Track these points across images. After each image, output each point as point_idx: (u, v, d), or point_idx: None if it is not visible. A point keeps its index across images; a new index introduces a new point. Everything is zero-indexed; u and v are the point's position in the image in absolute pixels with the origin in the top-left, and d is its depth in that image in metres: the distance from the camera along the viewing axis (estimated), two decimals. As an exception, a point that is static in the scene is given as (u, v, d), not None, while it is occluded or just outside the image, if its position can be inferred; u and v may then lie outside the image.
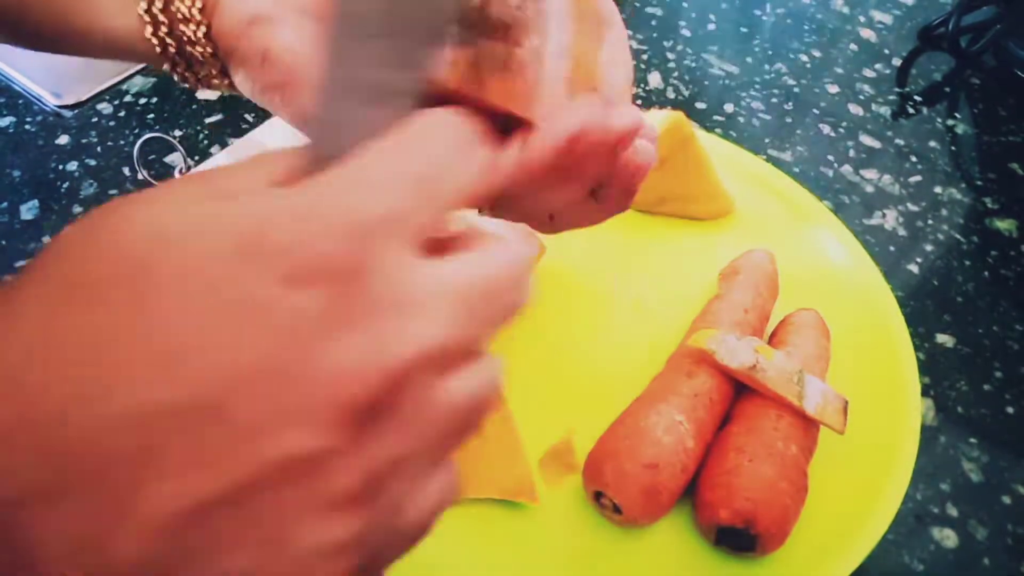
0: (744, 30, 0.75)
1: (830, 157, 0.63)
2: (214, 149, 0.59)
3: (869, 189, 0.61)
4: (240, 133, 0.60)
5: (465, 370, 0.19)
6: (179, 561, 0.16)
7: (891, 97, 0.69)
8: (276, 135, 0.59)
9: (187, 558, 0.16)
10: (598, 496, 0.39)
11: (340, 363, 0.16)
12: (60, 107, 0.61)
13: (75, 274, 0.16)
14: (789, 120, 0.66)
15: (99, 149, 0.58)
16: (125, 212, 0.17)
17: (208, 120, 0.61)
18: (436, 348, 0.18)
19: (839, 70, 0.71)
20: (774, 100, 0.68)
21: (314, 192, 0.17)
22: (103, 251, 0.16)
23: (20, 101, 0.61)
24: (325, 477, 0.17)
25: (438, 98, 0.22)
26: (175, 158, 0.58)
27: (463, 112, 0.20)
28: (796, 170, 0.62)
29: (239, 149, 0.58)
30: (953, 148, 0.65)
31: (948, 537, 0.43)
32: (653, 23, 0.74)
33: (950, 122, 0.67)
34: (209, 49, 0.32)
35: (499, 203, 0.31)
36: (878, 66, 0.72)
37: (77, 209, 0.54)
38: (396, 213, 0.17)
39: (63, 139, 0.59)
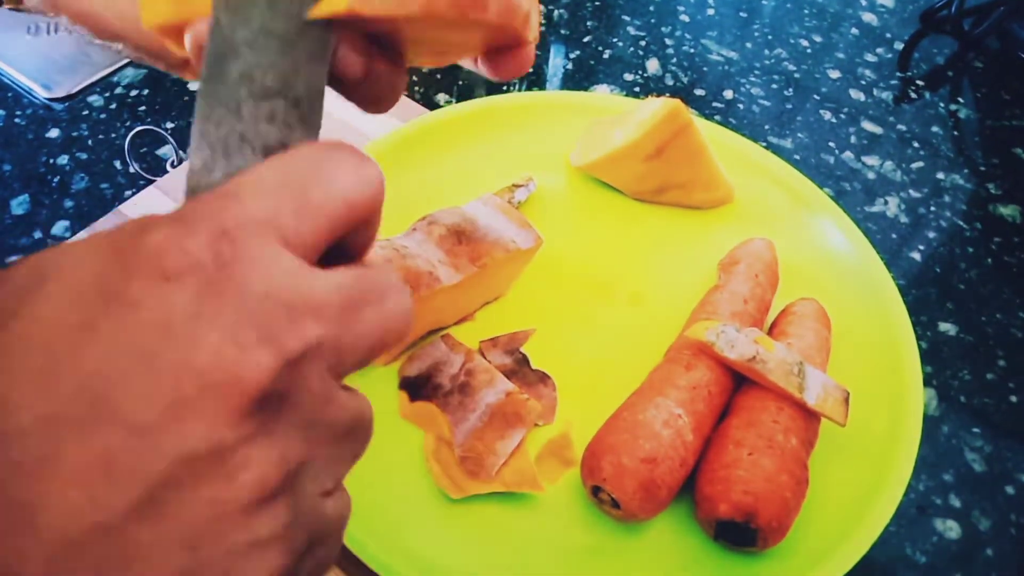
0: (743, 15, 0.74)
1: (831, 143, 0.62)
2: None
3: (871, 176, 0.60)
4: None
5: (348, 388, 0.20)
6: None
7: (893, 82, 0.68)
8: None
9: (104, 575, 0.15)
10: (596, 491, 0.38)
11: (224, 351, 0.16)
12: (50, 100, 0.60)
13: None
14: (789, 106, 0.65)
15: (90, 142, 0.58)
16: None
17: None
18: (328, 342, 0.18)
19: (840, 55, 0.70)
20: (774, 86, 0.67)
21: (188, 206, 0.18)
22: None
23: (9, 94, 0.60)
24: (238, 470, 0.16)
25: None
26: (167, 150, 0.57)
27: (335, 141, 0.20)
28: (796, 157, 0.61)
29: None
30: (956, 133, 0.64)
31: (951, 528, 0.43)
32: (651, 8, 0.73)
33: (953, 107, 0.66)
34: None
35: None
36: (880, 50, 0.71)
37: (68, 203, 0.54)
38: (263, 213, 0.18)
39: (53, 132, 0.58)
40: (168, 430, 0.15)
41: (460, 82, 0.65)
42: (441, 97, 0.64)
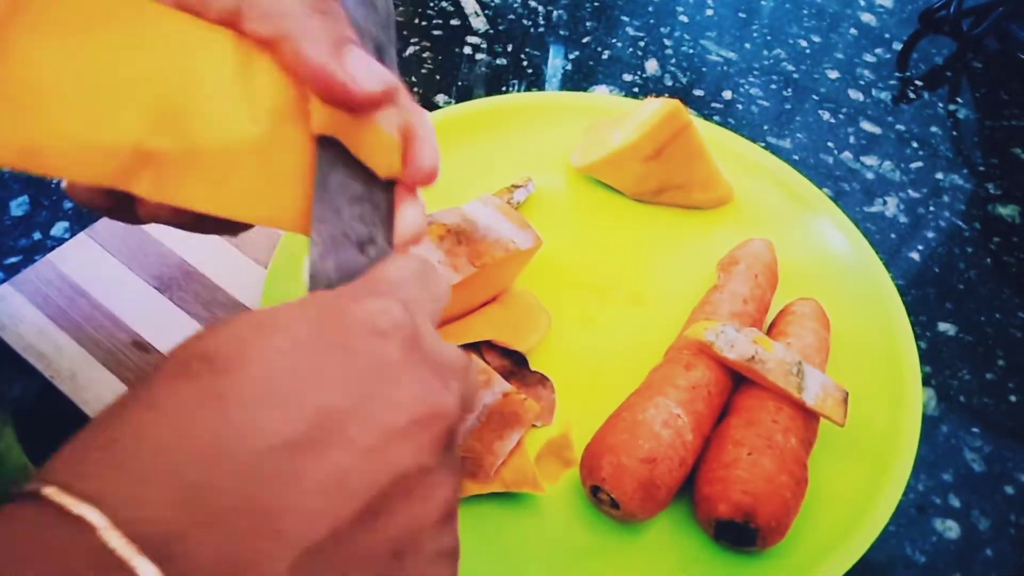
0: (742, 15, 0.74)
1: (830, 144, 0.62)
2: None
3: (869, 176, 0.60)
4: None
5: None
6: None
7: (892, 82, 0.68)
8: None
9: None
10: (595, 491, 0.38)
11: (426, 392, 0.21)
12: (50, 101, 0.60)
13: (199, 360, 0.19)
14: (788, 107, 0.65)
15: (89, 143, 0.58)
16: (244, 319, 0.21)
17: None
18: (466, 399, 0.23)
19: (839, 55, 0.70)
20: (773, 86, 0.67)
21: (363, 286, 0.23)
22: (227, 341, 0.20)
23: (9, 95, 0.60)
24: (433, 490, 0.20)
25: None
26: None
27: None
28: (795, 157, 0.61)
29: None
30: (955, 133, 0.64)
31: (950, 528, 0.43)
32: (650, 9, 0.73)
33: (952, 107, 0.66)
34: None
35: None
36: (878, 51, 0.71)
37: (67, 205, 0.54)
38: (417, 297, 0.23)
39: (53, 133, 0.58)
40: (387, 452, 0.19)
41: (459, 83, 0.65)
42: (440, 98, 0.64)
